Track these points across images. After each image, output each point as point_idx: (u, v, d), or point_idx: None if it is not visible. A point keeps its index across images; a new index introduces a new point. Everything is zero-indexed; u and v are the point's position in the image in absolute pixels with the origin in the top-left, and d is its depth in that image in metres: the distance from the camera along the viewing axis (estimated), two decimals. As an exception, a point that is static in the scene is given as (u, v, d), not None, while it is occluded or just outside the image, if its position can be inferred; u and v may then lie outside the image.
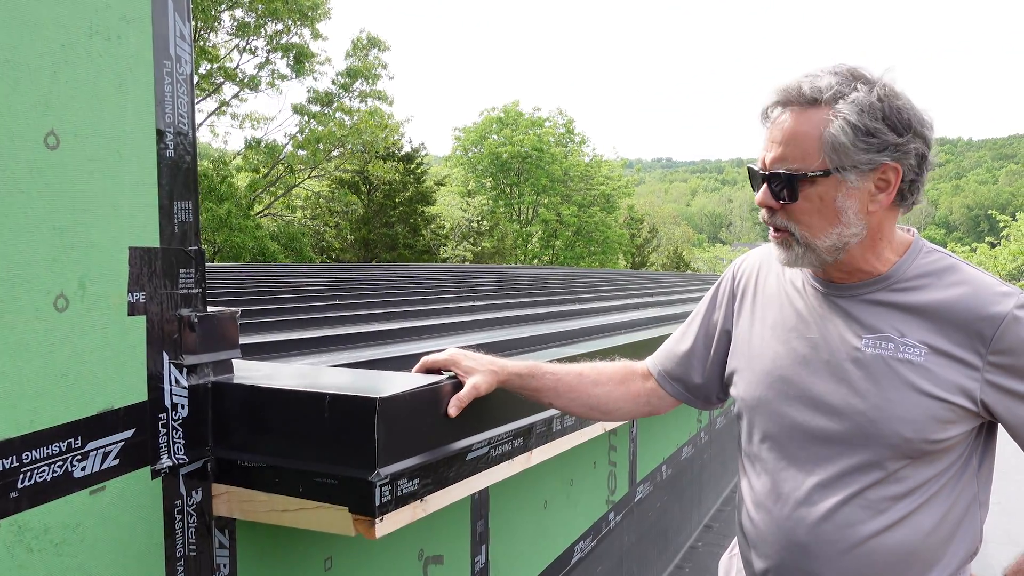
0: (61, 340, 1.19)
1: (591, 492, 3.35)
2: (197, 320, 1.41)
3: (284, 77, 23.75)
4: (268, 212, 26.32)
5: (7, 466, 1.12)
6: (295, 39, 23.32)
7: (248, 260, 20.44)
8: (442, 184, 33.14)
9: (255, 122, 25.12)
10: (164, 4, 1.34)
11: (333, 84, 24.91)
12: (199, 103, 23.11)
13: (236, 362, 1.53)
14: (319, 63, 24.07)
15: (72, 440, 1.21)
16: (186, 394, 1.40)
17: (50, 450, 1.17)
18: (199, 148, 25.65)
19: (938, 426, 1.37)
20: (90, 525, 1.24)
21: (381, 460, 1.34)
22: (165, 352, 1.37)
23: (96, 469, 1.25)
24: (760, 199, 1.44)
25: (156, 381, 1.35)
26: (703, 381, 1.71)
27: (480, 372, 1.60)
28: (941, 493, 1.42)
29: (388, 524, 1.35)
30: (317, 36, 23.68)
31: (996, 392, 1.36)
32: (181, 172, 1.39)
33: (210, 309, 1.46)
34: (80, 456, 1.22)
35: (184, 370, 1.40)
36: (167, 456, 1.37)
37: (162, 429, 1.36)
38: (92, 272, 1.23)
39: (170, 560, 1.38)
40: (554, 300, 6.01)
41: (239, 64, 23.47)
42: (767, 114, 1.43)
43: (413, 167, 28.76)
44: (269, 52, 23.31)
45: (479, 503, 2.37)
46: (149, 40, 1.32)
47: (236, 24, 22.53)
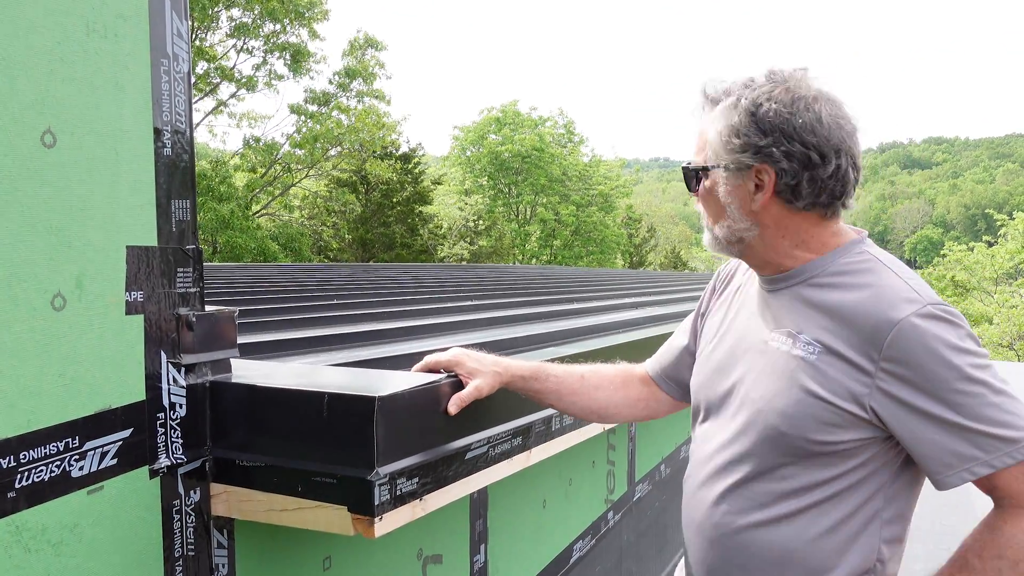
0: (58, 339, 1.18)
1: (590, 491, 3.35)
2: (195, 319, 1.41)
3: (281, 77, 23.74)
4: (265, 212, 26.30)
5: (4, 466, 1.11)
6: (292, 39, 23.31)
7: (249, 261, 20.43)
8: (439, 183, 33.13)
9: (252, 121, 25.11)
10: (161, 2, 1.34)
11: (330, 83, 24.90)
12: (197, 103, 23.09)
13: (234, 361, 1.53)
14: (316, 63, 24.06)
15: (70, 440, 1.20)
16: (184, 393, 1.40)
17: (48, 450, 1.17)
18: (197, 147, 25.64)
19: (820, 427, 1.34)
20: (88, 525, 1.24)
21: (380, 459, 1.34)
22: (163, 351, 1.36)
23: (94, 469, 1.24)
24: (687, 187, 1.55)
25: (154, 380, 1.35)
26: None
27: (483, 373, 1.62)
28: (835, 501, 1.38)
29: (387, 523, 1.35)
30: (314, 36, 23.66)
31: (886, 401, 1.31)
32: (179, 171, 1.39)
33: (208, 308, 1.46)
34: (78, 456, 1.22)
35: (182, 369, 1.39)
36: (165, 456, 1.37)
37: (160, 429, 1.36)
38: (89, 271, 1.23)
39: (168, 560, 1.37)
40: (551, 299, 6.01)
41: (236, 64, 23.47)
42: (696, 111, 1.52)
43: (411, 166, 28.75)
44: (266, 52, 23.30)
45: (478, 502, 2.37)
46: (146, 38, 1.31)
47: (233, 24, 22.51)
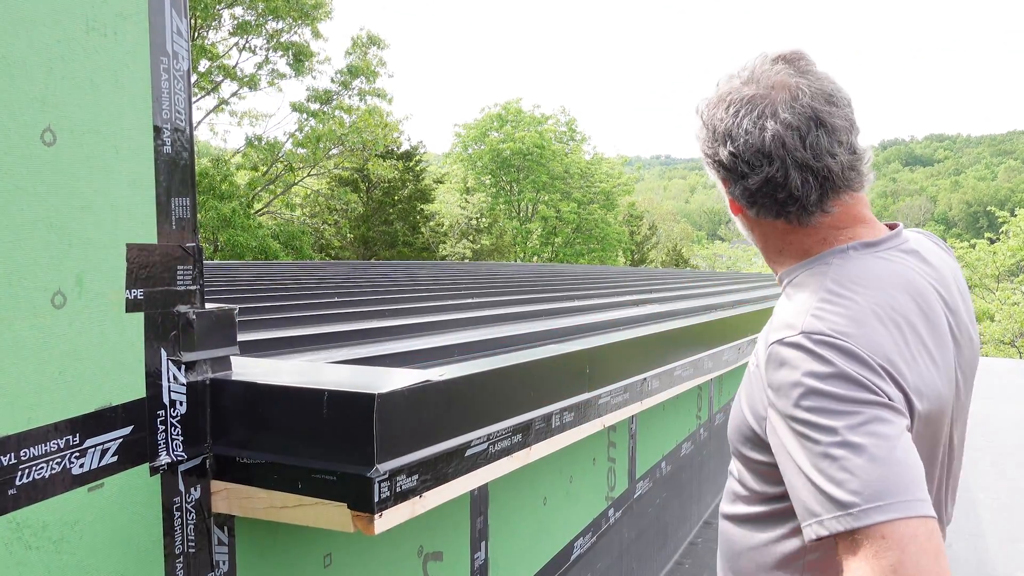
0: (59, 337, 1.19)
1: (591, 488, 3.35)
2: (195, 317, 1.41)
3: (283, 76, 23.72)
4: (267, 210, 26.31)
5: (5, 463, 1.11)
6: (295, 38, 23.29)
7: (250, 259, 20.45)
8: (441, 182, 33.13)
9: (253, 119, 25.10)
10: (161, 0, 1.34)
11: (332, 82, 24.89)
12: (198, 101, 23.09)
13: (234, 359, 1.53)
14: (319, 62, 24.05)
15: (70, 437, 1.21)
16: (184, 391, 1.40)
17: (48, 447, 1.17)
18: (199, 146, 25.65)
19: (742, 440, 1.31)
20: (89, 522, 1.24)
21: (380, 456, 1.34)
22: (163, 349, 1.37)
23: (94, 466, 1.25)
24: None
25: (154, 378, 1.35)
26: None
27: None
28: (767, 520, 1.32)
29: (387, 520, 1.35)
30: (317, 35, 23.65)
31: (768, 425, 1.21)
32: (178, 168, 1.39)
33: (208, 306, 1.46)
34: (78, 453, 1.22)
35: (182, 367, 1.40)
36: (166, 453, 1.37)
37: (160, 426, 1.36)
38: (90, 269, 1.23)
39: (169, 557, 1.38)
40: (553, 297, 6.01)
41: (238, 63, 23.46)
42: None
43: (412, 164, 28.76)
44: (268, 51, 23.29)
45: (478, 499, 2.37)
46: (146, 36, 1.32)
47: (236, 23, 22.50)
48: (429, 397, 1.51)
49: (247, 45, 23.16)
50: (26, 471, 1.14)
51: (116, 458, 1.28)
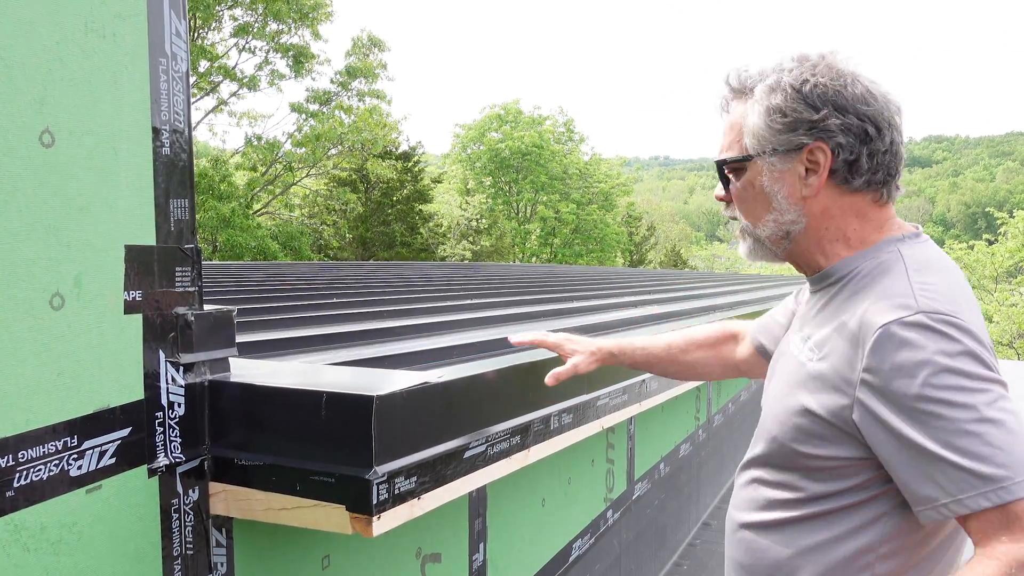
0: (57, 339, 1.18)
1: (589, 490, 3.35)
2: (193, 318, 1.41)
3: (283, 76, 23.71)
4: (266, 211, 26.30)
5: (3, 465, 1.11)
6: (295, 40, 23.28)
7: (249, 259, 20.44)
8: (439, 182, 33.13)
9: (252, 120, 25.09)
10: (160, 1, 1.34)
11: (332, 83, 24.88)
12: (197, 101, 23.07)
13: (233, 360, 1.53)
14: (318, 63, 24.04)
15: (68, 439, 1.20)
16: (183, 392, 1.40)
17: (46, 449, 1.17)
18: (198, 146, 25.64)
19: (804, 438, 1.28)
20: (86, 524, 1.24)
21: (378, 458, 1.34)
22: (161, 350, 1.36)
23: (92, 468, 1.24)
24: (716, 194, 1.47)
25: (152, 379, 1.35)
26: None
27: (581, 354, 1.78)
28: (825, 520, 1.29)
29: (385, 522, 1.35)
30: (318, 37, 23.63)
31: (865, 415, 1.19)
32: (177, 170, 1.39)
33: (207, 307, 1.46)
34: (76, 455, 1.22)
35: (181, 368, 1.40)
36: (164, 455, 1.37)
37: (159, 428, 1.36)
38: (88, 270, 1.23)
39: (167, 559, 1.37)
40: (551, 298, 6.01)
41: (238, 63, 23.45)
42: (723, 105, 1.44)
43: (411, 165, 28.76)
44: (268, 52, 23.27)
45: (477, 501, 2.37)
46: (145, 37, 1.31)
47: (237, 24, 22.49)
48: (428, 399, 1.51)
49: (247, 46, 23.16)
50: (24, 473, 1.14)
51: (114, 460, 1.28)
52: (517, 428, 1.83)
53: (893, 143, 1.29)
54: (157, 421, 1.36)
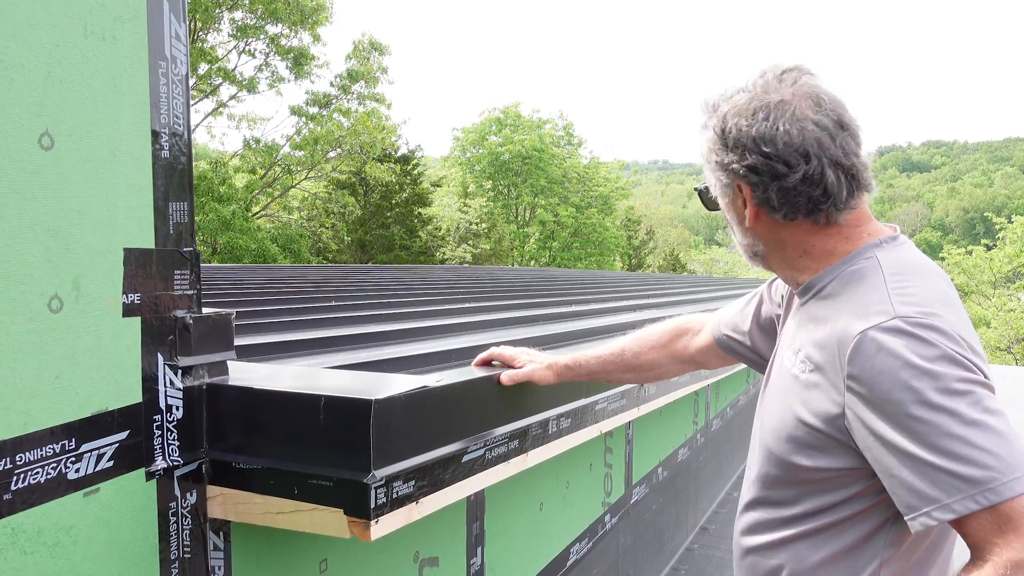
0: (55, 341, 1.18)
1: (587, 494, 3.34)
2: (192, 321, 1.41)
3: (282, 79, 23.73)
4: (265, 213, 26.29)
5: (1, 468, 1.11)
6: (295, 42, 23.30)
7: (248, 262, 20.42)
8: (438, 185, 33.14)
9: (251, 122, 25.10)
10: (159, 4, 1.34)
11: (332, 86, 24.90)
12: (197, 104, 23.07)
13: (231, 363, 1.53)
14: (318, 66, 24.05)
15: (66, 442, 1.20)
16: (181, 396, 1.40)
17: (44, 452, 1.17)
18: (197, 149, 25.62)
19: (799, 449, 1.29)
20: (84, 527, 1.24)
21: (376, 462, 1.34)
22: (160, 354, 1.36)
23: (90, 471, 1.24)
24: None
25: (151, 383, 1.35)
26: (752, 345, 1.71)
27: (537, 364, 1.86)
28: (833, 532, 1.30)
29: (383, 527, 1.35)
30: (317, 40, 23.65)
31: (854, 423, 1.20)
32: (176, 173, 1.39)
33: (205, 310, 1.46)
34: (74, 458, 1.21)
35: (179, 372, 1.39)
36: (162, 458, 1.37)
37: (156, 431, 1.36)
38: (87, 273, 1.23)
39: (165, 562, 1.37)
40: (550, 302, 6.01)
41: (237, 66, 23.45)
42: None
43: (410, 168, 28.76)
44: (268, 55, 23.29)
45: (475, 505, 2.37)
46: (144, 41, 1.32)
47: (236, 27, 22.50)
48: (426, 403, 1.51)
49: (247, 48, 23.17)
50: (22, 476, 1.14)
51: (112, 463, 1.28)
52: (515, 432, 1.83)
53: (811, 173, 1.27)
54: (155, 424, 1.36)
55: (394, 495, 1.37)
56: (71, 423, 1.21)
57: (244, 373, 1.56)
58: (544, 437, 2.00)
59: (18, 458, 1.13)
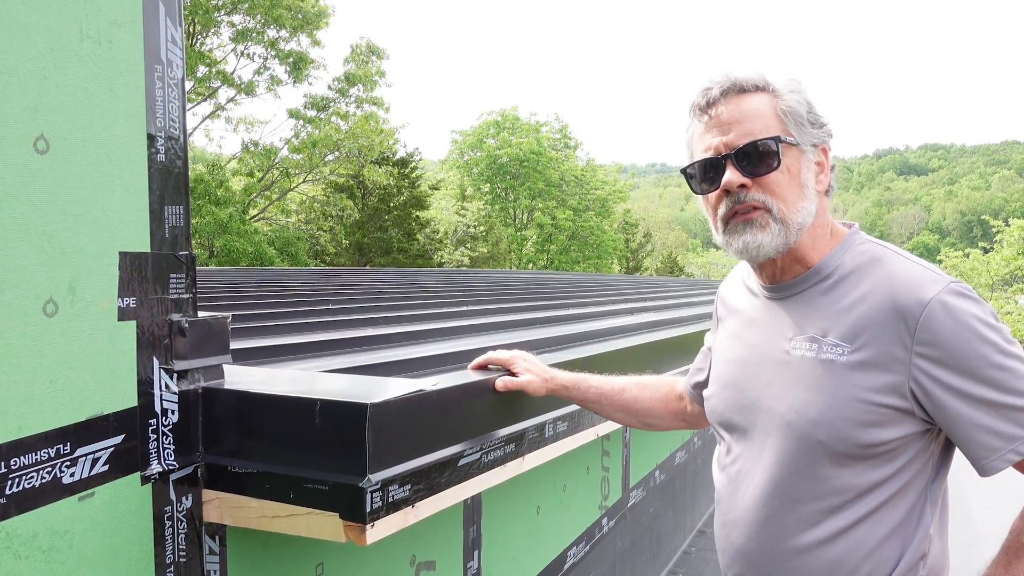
0: (50, 345, 1.18)
1: (584, 497, 3.34)
2: (188, 325, 1.41)
3: (280, 82, 23.71)
4: (262, 216, 26.27)
5: (-5, 472, 1.11)
6: (294, 46, 23.28)
7: (245, 265, 20.39)
8: (436, 188, 33.14)
9: (249, 125, 25.08)
10: (155, 8, 1.34)
11: (330, 89, 24.89)
12: (195, 107, 23.07)
13: (227, 367, 1.53)
14: (316, 69, 24.04)
15: (61, 446, 1.20)
16: (176, 400, 1.40)
17: (38, 456, 1.17)
18: (194, 152, 25.60)
19: (859, 429, 1.30)
20: (79, 532, 1.23)
21: (372, 466, 1.33)
22: (155, 357, 1.36)
23: (85, 475, 1.24)
24: (729, 179, 1.38)
25: (146, 387, 1.34)
26: None
27: (533, 374, 1.83)
28: (888, 506, 1.34)
29: (379, 531, 1.34)
30: (316, 43, 23.64)
31: (925, 386, 1.27)
32: (172, 177, 1.39)
33: (201, 314, 1.45)
34: (69, 462, 1.21)
35: (174, 375, 1.39)
36: (157, 462, 1.36)
37: (152, 435, 1.36)
38: (82, 277, 1.23)
39: (160, 567, 1.37)
40: (548, 305, 6.01)
41: (236, 69, 23.45)
42: (706, 107, 1.42)
43: (408, 171, 28.76)
44: (267, 59, 23.27)
45: (471, 509, 2.36)
46: (140, 44, 1.31)
47: (235, 30, 22.48)
48: (423, 407, 1.51)
49: (246, 52, 23.16)
50: (16, 480, 1.14)
51: (107, 467, 1.27)
52: (512, 436, 1.83)
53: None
54: (150, 428, 1.35)
55: (390, 499, 1.37)
56: (66, 427, 1.21)
57: (240, 377, 1.55)
58: (541, 440, 2.00)
59: (13, 462, 1.13)
